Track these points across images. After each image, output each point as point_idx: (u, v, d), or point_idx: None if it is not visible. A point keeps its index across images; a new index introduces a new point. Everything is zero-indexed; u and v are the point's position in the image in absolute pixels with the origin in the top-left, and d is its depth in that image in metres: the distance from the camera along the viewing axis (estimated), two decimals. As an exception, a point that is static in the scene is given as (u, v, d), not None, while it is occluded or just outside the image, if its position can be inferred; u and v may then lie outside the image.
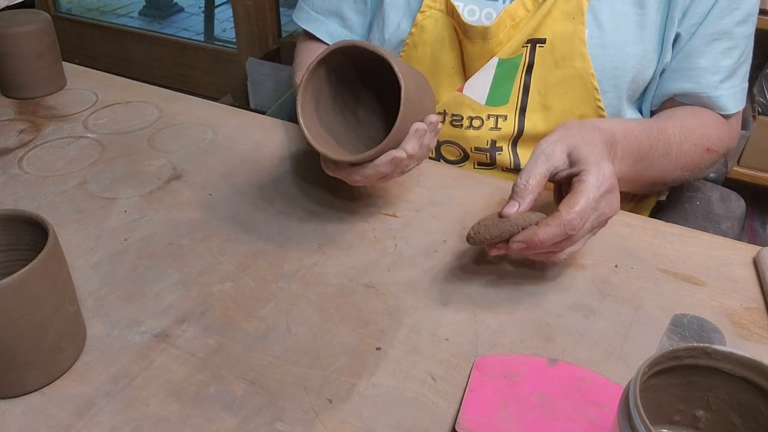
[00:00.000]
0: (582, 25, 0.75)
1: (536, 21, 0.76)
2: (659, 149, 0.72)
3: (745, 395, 0.41)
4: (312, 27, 0.91)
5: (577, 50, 0.76)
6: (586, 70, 0.76)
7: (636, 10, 0.75)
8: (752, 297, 0.62)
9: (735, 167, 1.65)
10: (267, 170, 0.81)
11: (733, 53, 0.77)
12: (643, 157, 0.71)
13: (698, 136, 0.77)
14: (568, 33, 0.76)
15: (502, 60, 0.78)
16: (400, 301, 0.62)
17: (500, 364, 0.54)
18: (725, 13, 0.75)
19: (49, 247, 0.49)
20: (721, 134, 0.80)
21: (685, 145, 0.75)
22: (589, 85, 0.77)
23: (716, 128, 0.79)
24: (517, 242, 0.57)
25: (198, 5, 3.36)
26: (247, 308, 0.61)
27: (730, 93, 0.78)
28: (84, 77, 1.04)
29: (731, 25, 0.75)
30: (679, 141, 0.75)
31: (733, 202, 0.91)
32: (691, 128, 0.76)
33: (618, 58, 0.76)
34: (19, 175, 0.80)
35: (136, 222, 0.72)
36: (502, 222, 0.57)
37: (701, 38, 0.76)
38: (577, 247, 0.59)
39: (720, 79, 0.77)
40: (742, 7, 0.75)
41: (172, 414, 0.51)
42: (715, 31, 0.76)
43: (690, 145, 0.76)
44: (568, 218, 0.55)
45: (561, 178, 0.60)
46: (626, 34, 0.76)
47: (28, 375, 0.52)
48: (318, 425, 0.50)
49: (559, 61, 0.77)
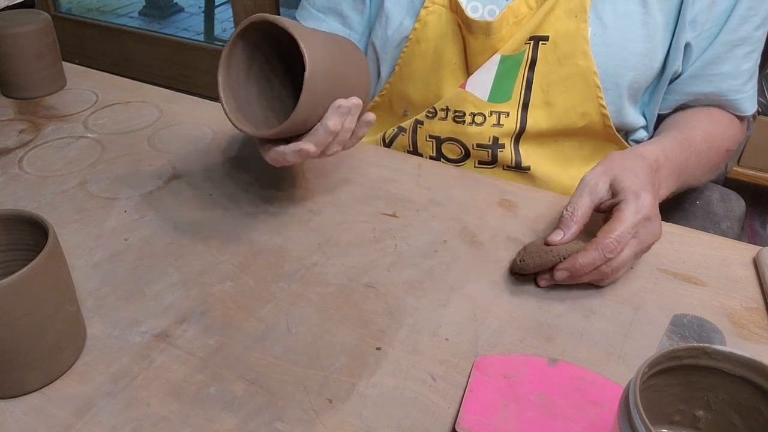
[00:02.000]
0: (585, 23, 0.76)
1: (539, 18, 0.77)
2: (693, 161, 0.75)
3: (745, 395, 0.41)
4: (313, 25, 0.92)
5: (580, 48, 0.76)
6: (588, 68, 0.76)
7: (639, 9, 0.76)
8: (752, 297, 0.62)
9: (735, 167, 1.65)
10: (267, 170, 0.81)
11: (753, 56, 0.79)
12: (683, 172, 0.73)
13: (719, 140, 0.79)
14: (570, 31, 0.76)
15: (505, 57, 0.79)
16: (400, 301, 0.62)
17: (500, 364, 0.54)
18: (745, 20, 0.76)
19: (49, 247, 0.49)
20: (736, 133, 0.82)
21: (710, 151, 0.78)
22: (591, 83, 0.77)
23: (731, 127, 0.82)
24: (561, 270, 0.60)
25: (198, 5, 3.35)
26: (247, 308, 0.61)
27: (750, 95, 0.81)
28: (84, 77, 1.04)
29: (751, 30, 0.77)
30: (706, 148, 0.77)
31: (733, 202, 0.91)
32: (712, 133, 0.79)
33: (620, 56, 0.76)
34: (19, 175, 0.80)
35: (136, 222, 0.72)
36: (545, 251, 0.61)
37: (723, 45, 0.77)
38: (621, 273, 0.62)
39: (742, 82, 0.80)
40: (761, 12, 0.76)
41: (172, 414, 0.51)
42: (736, 38, 0.77)
43: (714, 152, 0.79)
44: (606, 242, 0.58)
45: (605, 207, 0.63)
46: (629, 33, 0.76)
47: (28, 375, 0.52)
48: (318, 425, 0.50)
49: (562, 59, 0.77)
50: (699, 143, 0.76)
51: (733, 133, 0.82)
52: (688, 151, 0.74)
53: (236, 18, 2.39)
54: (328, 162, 0.82)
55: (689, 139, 0.75)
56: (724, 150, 0.80)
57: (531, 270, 0.62)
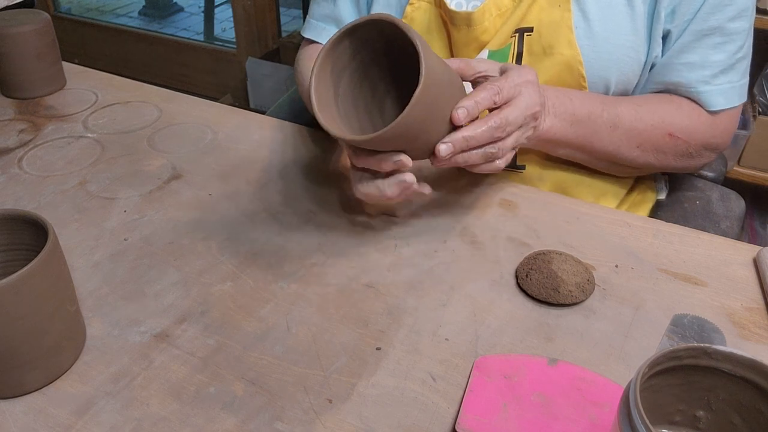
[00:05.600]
0: (569, 12, 0.75)
1: (522, 10, 0.77)
2: (603, 118, 0.75)
3: (745, 395, 0.41)
4: (314, 34, 0.92)
5: (565, 37, 0.76)
6: (574, 57, 0.76)
7: (624, 1, 0.75)
8: (752, 297, 0.62)
9: (735, 167, 1.65)
10: (267, 170, 0.81)
11: (725, 48, 0.76)
12: (581, 121, 0.73)
13: (657, 119, 0.77)
14: (555, 20, 0.76)
15: (492, 51, 0.79)
16: (400, 301, 0.62)
17: (500, 364, 0.54)
18: (716, 9, 0.74)
19: (49, 247, 0.49)
20: (695, 126, 0.79)
21: (639, 123, 0.76)
22: (576, 73, 0.77)
23: (687, 117, 0.78)
24: (444, 144, 0.61)
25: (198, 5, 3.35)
26: (247, 308, 0.61)
27: (724, 88, 0.78)
28: (84, 77, 1.04)
29: (723, 20, 0.75)
30: (632, 118, 0.76)
31: (732, 202, 0.91)
32: (649, 109, 0.77)
33: (605, 49, 0.75)
34: (19, 175, 0.80)
35: (136, 222, 0.72)
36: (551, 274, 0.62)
37: (691, 35, 0.76)
38: (510, 143, 0.64)
39: (711, 73, 0.77)
40: (735, 3, 0.74)
41: (172, 414, 0.51)
42: (705, 28, 0.75)
43: (645, 125, 0.76)
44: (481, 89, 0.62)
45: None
46: (613, 25, 0.75)
47: (27, 375, 0.52)
48: (318, 425, 0.50)
49: (547, 49, 0.77)
50: (622, 110, 0.76)
51: (688, 123, 0.78)
52: (598, 108, 0.75)
53: (236, 18, 2.39)
54: (328, 161, 0.82)
55: (608, 101, 0.76)
56: (666, 133, 0.77)
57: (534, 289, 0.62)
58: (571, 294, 0.60)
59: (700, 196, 0.92)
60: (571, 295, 0.60)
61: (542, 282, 0.61)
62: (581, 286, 0.61)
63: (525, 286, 0.62)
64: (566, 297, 0.60)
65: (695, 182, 0.94)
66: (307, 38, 0.94)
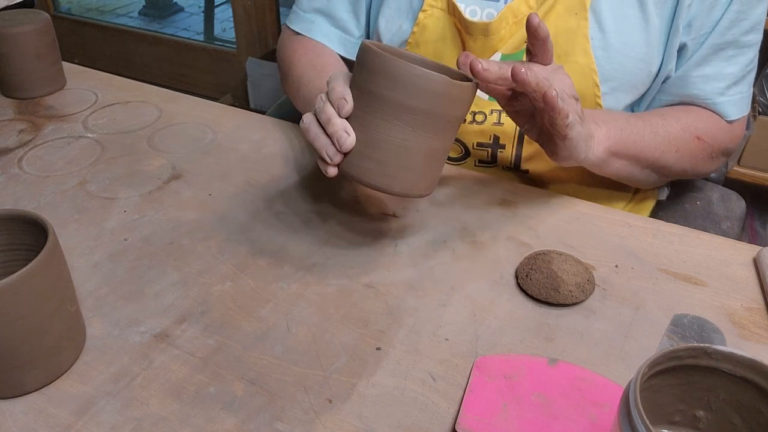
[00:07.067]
0: (585, 20, 0.75)
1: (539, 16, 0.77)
2: (640, 125, 0.75)
3: (745, 395, 0.41)
4: (303, 28, 0.92)
5: (580, 46, 0.76)
6: (588, 65, 0.76)
7: (638, 14, 0.76)
8: (752, 297, 0.62)
9: (735, 167, 1.65)
10: (267, 170, 0.81)
11: (738, 60, 0.78)
12: (626, 128, 0.73)
13: (684, 123, 0.78)
14: (571, 28, 0.76)
15: (505, 56, 0.79)
16: (400, 301, 0.62)
17: (500, 364, 0.54)
18: (733, 24, 0.76)
19: (49, 247, 0.49)
20: (716, 131, 0.80)
21: (670, 128, 0.77)
22: (590, 81, 0.77)
23: (708, 122, 0.80)
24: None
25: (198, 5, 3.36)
26: (247, 308, 0.61)
27: (735, 99, 0.80)
28: (84, 77, 1.04)
29: (738, 34, 0.76)
30: (663, 123, 0.76)
31: (733, 202, 0.91)
32: (674, 116, 0.78)
33: (617, 60, 0.76)
34: (18, 175, 0.80)
35: (136, 222, 0.72)
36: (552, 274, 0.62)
37: (708, 48, 0.77)
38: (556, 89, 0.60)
39: (725, 85, 0.79)
40: (750, 17, 0.76)
41: (172, 414, 0.51)
42: (722, 42, 0.77)
43: (677, 130, 0.77)
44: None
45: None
46: (627, 37, 0.76)
47: (27, 375, 0.52)
48: (318, 425, 0.50)
49: (562, 56, 0.77)
50: (651, 116, 0.77)
51: (709, 128, 0.79)
52: (633, 117, 0.75)
53: (236, 18, 2.39)
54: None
55: (637, 114, 0.76)
56: (694, 136, 0.78)
57: (534, 289, 0.62)
58: (572, 294, 0.60)
59: (701, 196, 0.92)
60: (571, 295, 0.60)
61: (542, 282, 0.61)
62: (581, 286, 0.61)
63: (525, 286, 0.62)
64: (566, 297, 0.60)
65: (696, 183, 0.94)
66: (293, 30, 0.93)
